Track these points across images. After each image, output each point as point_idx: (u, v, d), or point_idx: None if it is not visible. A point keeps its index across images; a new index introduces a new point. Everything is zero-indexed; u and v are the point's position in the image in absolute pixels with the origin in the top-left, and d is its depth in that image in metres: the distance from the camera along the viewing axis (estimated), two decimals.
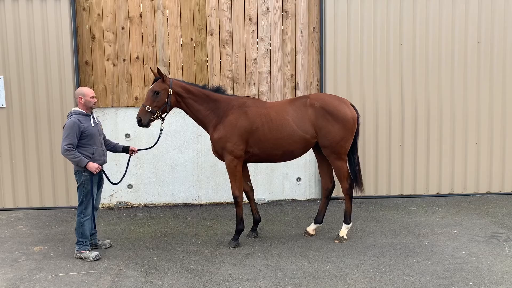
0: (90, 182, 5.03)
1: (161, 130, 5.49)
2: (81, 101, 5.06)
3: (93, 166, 4.95)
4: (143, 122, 5.23)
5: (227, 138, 5.29)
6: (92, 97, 5.09)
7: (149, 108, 5.20)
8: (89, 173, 4.99)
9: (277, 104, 5.59)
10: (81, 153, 4.93)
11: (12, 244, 5.67)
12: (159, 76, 5.27)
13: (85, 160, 4.92)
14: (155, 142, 5.63)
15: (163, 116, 5.35)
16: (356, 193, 5.72)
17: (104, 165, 5.24)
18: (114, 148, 5.46)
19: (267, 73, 7.50)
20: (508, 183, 7.77)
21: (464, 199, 7.46)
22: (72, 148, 4.88)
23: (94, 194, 5.13)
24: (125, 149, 5.48)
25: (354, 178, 5.62)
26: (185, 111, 5.50)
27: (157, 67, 5.55)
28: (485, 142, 7.69)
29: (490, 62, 7.59)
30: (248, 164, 5.80)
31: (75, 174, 5.06)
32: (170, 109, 5.36)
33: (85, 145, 4.99)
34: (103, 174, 5.25)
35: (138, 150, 5.56)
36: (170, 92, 5.25)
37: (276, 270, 4.67)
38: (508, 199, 7.42)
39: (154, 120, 5.30)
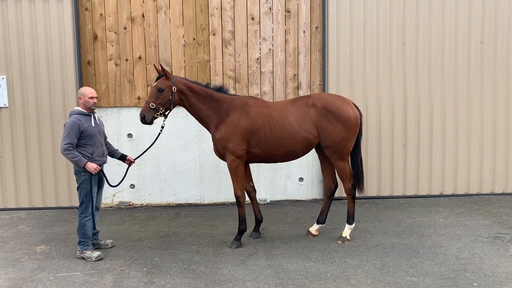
0: (89, 182, 5.01)
1: (162, 127, 5.47)
2: (80, 101, 5.07)
3: (91, 166, 4.94)
4: (147, 119, 5.20)
5: (228, 138, 5.27)
6: (91, 98, 5.06)
7: (153, 105, 5.17)
8: (88, 173, 4.97)
9: (279, 104, 5.57)
10: (80, 153, 4.92)
11: (15, 244, 5.67)
12: (162, 73, 5.25)
13: (84, 160, 4.91)
14: (153, 141, 5.60)
15: (166, 113, 5.34)
16: (358, 193, 5.70)
17: (105, 165, 5.24)
18: (112, 153, 5.44)
19: (270, 73, 7.49)
20: None
21: (468, 200, 7.43)
22: (72, 148, 4.87)
23: (94, 194, 5.11)
24: (122, 157, 5.46)
25: (356, 178, 5.59)
26: (187, 109, 5.49)
27: (160, 64, 5.51)
28: (488, 142, 7.66)
29: (494, 62, 7.56)
30: (250, 164, 5.78)
31: (75, 174, 5.05)
32: (174, 107, 5.34)
33: (85, 145, 4.98)
34: (103, 175, 5.24)
35: (135, 159, 5.55)
36: (174, 90, 5.23)
37: (278, 271, 4.65)
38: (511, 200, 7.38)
39: (158, 117, 5.28)
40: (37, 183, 7.30)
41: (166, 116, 5.36)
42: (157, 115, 5.23)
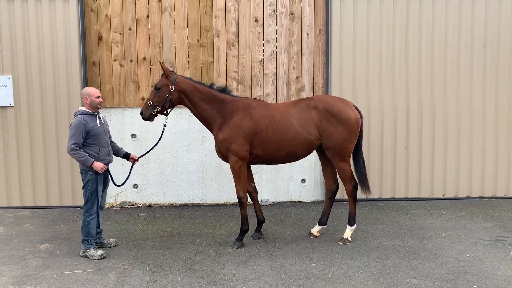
0: (95, 181, 5.07)
1: (165, 125, 5.56)
2: (86, 101, 5.13)
3: (98, 165, 5.00)
4: (144, 115, 5.41)
5: (232, 139, 5.32)
6: (98, 97, 5.15)
7: (150, 103, 5.36)
8: (94, 173, 5.03)
9: (281, 105, 5.62)
10: (87, 153, 4.98)
11: (19, 242, 5.72)
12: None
13: (91, 160, 4.97)
14: (157, 141, 5.69)
15: (166, 112, 5.44)
16: (365, 195, 5.73)
17: (109, 164, 5.29)
18: (117, 152, 5.50)
19: (273, 75, 7.53)
20: None
21: (469, 203, 7.43)
22: (78, 147, 4.93)
23: (99, 193, 5.17)
24: (126, 156, 5.52)
25: (360, 180, 5.63)
26: (190, 109, 5.55)
27: (159, 62, 5.57)
28: (490, 145, 7.66)
29: (496, 65, 7.56)
30: (252, 166, 5.82)
31: (81, 173, 5.11)
32: (172, 105, 5.43)
33: (91, 144, 5.05)
34: (108, 174, 5.29)
35: (138, 158, 5.61)
36: (172, 89, 5.31)
37: (280, 271, 4.68)
38: None
39: (157, 115, 5.42)
40: (42, 182, 7.35)
41: (166, 114, 5.48)
42: (154, 112, 5.37)
